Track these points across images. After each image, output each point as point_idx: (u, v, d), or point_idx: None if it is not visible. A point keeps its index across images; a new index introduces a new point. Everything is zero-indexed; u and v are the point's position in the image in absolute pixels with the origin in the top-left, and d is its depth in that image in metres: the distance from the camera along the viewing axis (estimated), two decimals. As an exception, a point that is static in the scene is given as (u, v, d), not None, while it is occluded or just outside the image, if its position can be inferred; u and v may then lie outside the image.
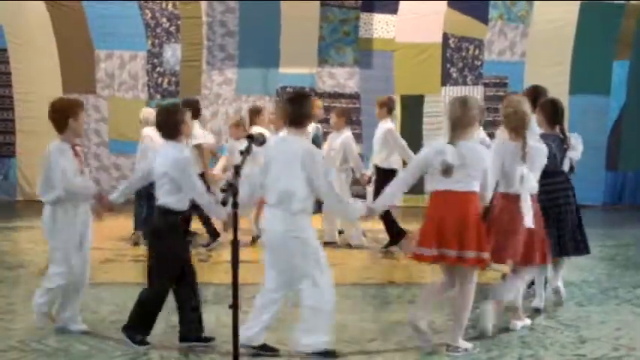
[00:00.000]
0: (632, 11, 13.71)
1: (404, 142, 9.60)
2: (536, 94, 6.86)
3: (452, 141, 5.32)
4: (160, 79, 14.39)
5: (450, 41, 14.45)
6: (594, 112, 13.77)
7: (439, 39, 14.41)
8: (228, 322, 4.44)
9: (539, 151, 5.83)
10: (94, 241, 9.92)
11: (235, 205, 4.27)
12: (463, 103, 5.40)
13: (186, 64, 14.39)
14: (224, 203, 4.35)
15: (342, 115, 9.94)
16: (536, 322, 6.36)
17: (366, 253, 9.46)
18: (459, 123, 5.34)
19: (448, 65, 14.49)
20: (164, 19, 14.31)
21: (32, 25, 13.84)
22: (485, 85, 14.40)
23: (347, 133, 9.78)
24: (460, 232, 5.23)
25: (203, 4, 14.29)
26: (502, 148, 5.80)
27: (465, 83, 14.45)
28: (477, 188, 5.32)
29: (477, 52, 14.47)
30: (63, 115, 5.75)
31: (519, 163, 5.68)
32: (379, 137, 9.67)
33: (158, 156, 5.61)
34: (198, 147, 9.67)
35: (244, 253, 5.13)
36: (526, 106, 5.81)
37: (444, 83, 14.46)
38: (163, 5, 14.29)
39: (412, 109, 14.34)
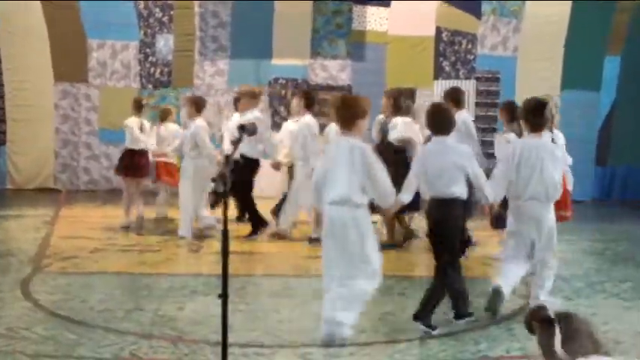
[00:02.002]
0: (623, 8, 13.72)
1: (270, 134, 10.12)
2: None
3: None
4: (152, 69, 14.33)
5: (443, 35, 14.44)
6: (585, 107, 13.77)
7: (432, 32, 14.39)
8: (218, 312, 4.45)
9: None
10: (83, 231, 10.01)
11: (225, 194, 4.26)
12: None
13: (179, 54, 14.33)
14: (215, 193, 4.34)
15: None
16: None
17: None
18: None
19: (441, 59, 14.47)
20: (157, 9, 14.25)
21: (24, 14, 13.75)
22: (478, 79, 14.40)
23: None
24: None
25: (196, -5, 14.24)
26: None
27: (457, 77, 14.44)
28: None
29: (469, 46, 14.47)
30: (353, 113, 5.58)
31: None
32: None
33: (436, 152, 5.91)
34: None
35: (235, 244, 5.14)
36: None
37: (436, 77, 14.44)
38: (156, -5, 14.23)
39: (404, 103, 14.30)
